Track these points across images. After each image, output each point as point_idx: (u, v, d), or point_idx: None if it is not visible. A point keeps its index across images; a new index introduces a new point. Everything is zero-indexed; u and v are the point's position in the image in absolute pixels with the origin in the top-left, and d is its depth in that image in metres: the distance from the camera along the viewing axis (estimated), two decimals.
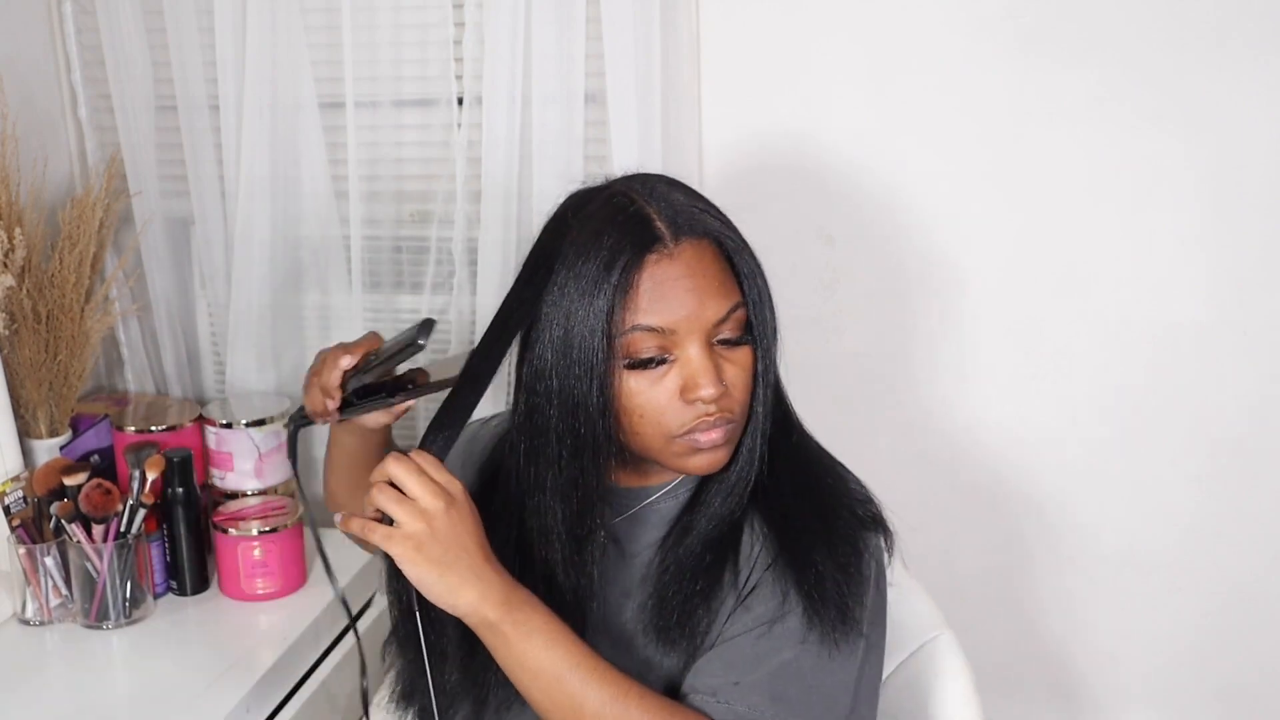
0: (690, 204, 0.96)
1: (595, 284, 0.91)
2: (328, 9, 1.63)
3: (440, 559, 0.89)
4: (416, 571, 0.89)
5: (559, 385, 0.93)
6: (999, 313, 1.60)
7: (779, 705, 0.92)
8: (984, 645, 1.64)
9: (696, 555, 1.00)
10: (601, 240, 0.92)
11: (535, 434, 0.96)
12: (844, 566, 0.97)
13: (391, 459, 0.92)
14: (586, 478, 0.96)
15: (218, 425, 1.58)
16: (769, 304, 0.98)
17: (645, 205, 0.95)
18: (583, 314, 0.92)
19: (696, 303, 0.93)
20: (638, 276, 0.92)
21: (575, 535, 0.97)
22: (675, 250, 0.93)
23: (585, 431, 0.94)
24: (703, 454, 0.96)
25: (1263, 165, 1.48)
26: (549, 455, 0.96)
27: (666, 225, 0.94)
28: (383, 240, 1.71)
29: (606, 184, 1.00)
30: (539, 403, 0.95)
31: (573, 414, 0.94)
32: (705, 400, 0.93)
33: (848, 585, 0.96)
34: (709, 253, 0.95)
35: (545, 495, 0.97)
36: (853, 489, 1.03)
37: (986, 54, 1.51)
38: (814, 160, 1.59)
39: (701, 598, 0.98)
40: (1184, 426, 1.58)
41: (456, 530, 0.90)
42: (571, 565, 0.98)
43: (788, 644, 0.95)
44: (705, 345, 0.94)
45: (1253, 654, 1.64)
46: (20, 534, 1.42)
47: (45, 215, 1.61)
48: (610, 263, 0.91)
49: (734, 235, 0.97)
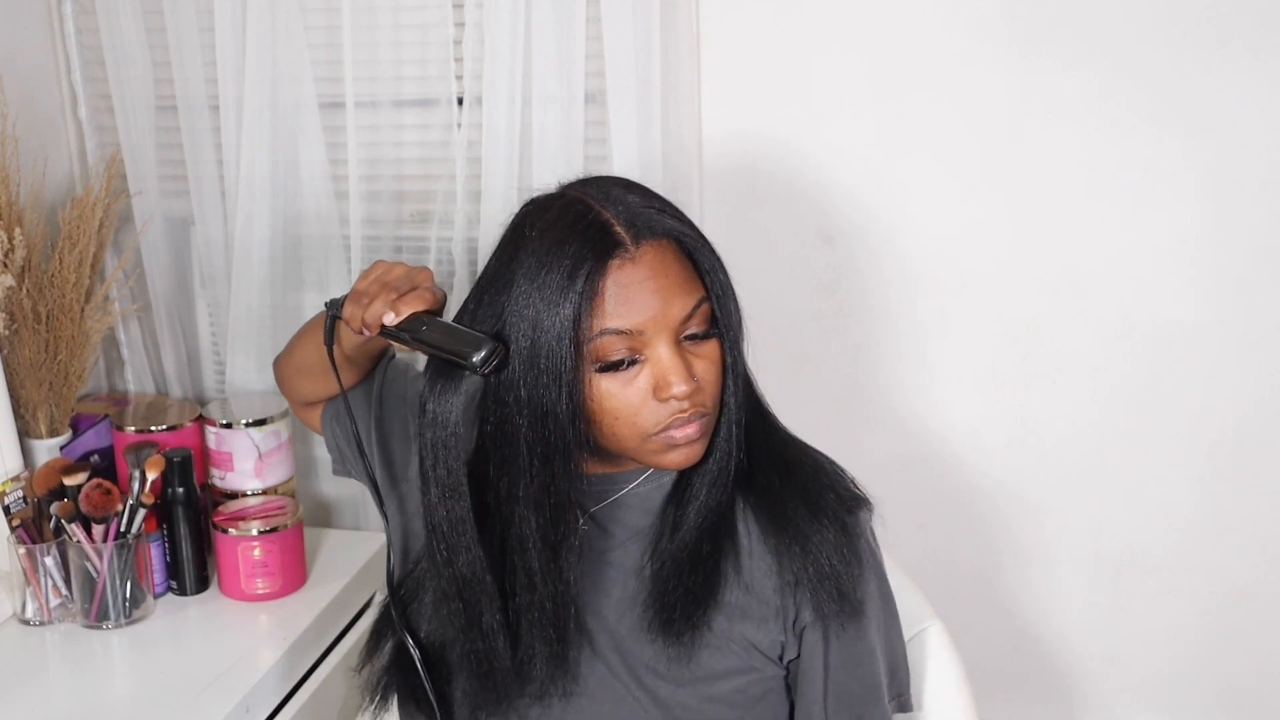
0: (646, 205, 0.97)
1: (560, 292, 0.92)
2: (328, 9, 1.63)
3: None
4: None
5: (528, 395, 0.94)
6: (998, 313, 1.60)
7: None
8: (983, 645, 1.65)
9: (692, 547, 1.01)
10: (564, 249, 0.93)
11: (505, 444, 0.97)
12: (840, 551, 1.00)
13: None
14: (558, 483, 0.97)
15: (218, 425, 1.58)
16: (732, 296, 1.00)
17: (602, 211, 0.95)
18: (549, 323, 0.93)
19: (661, 303, 0.94)
20: (602, 282, 0.93)
21: (550, 542, 0.98)
22: (637, 254, 0.94)
23: (555, 439, 0.95)
24: (679, 449, 0.97)
25: (1262, 165, 1.48)
26: (519, 465, 0.96)
27: (626, 229, 0.95)
28: (383, 240, 1.71)
29: (560, 191, 1.01)
30: (508, 414, 0.96)
31: (542, 422, 0.94)
32: (678, 397, 0.94)
33: (845, 569, 1.00)
34: (670, 252, 0.96)
35: (519, 505, 0.98)
36: (828, 469, 1.06)
37: (985, 54, 1.51)
38: (814, 160, 1.59)
39: (707, 589, 1.00)
40: (1183, 426, 1.58)
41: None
42: (548, 574, 0.99)
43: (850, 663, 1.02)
44: (673, 343, 0.95)
45: (1252, 654, 1.64)
46: (20, 534, 1.42)
47: (45, 215, 1.61)
48: (574, 271, 0.92)
49: (692, 232, 0.99)
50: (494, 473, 0.99)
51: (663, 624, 1.00)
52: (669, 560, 1.01)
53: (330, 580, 1.54)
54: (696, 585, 1.00)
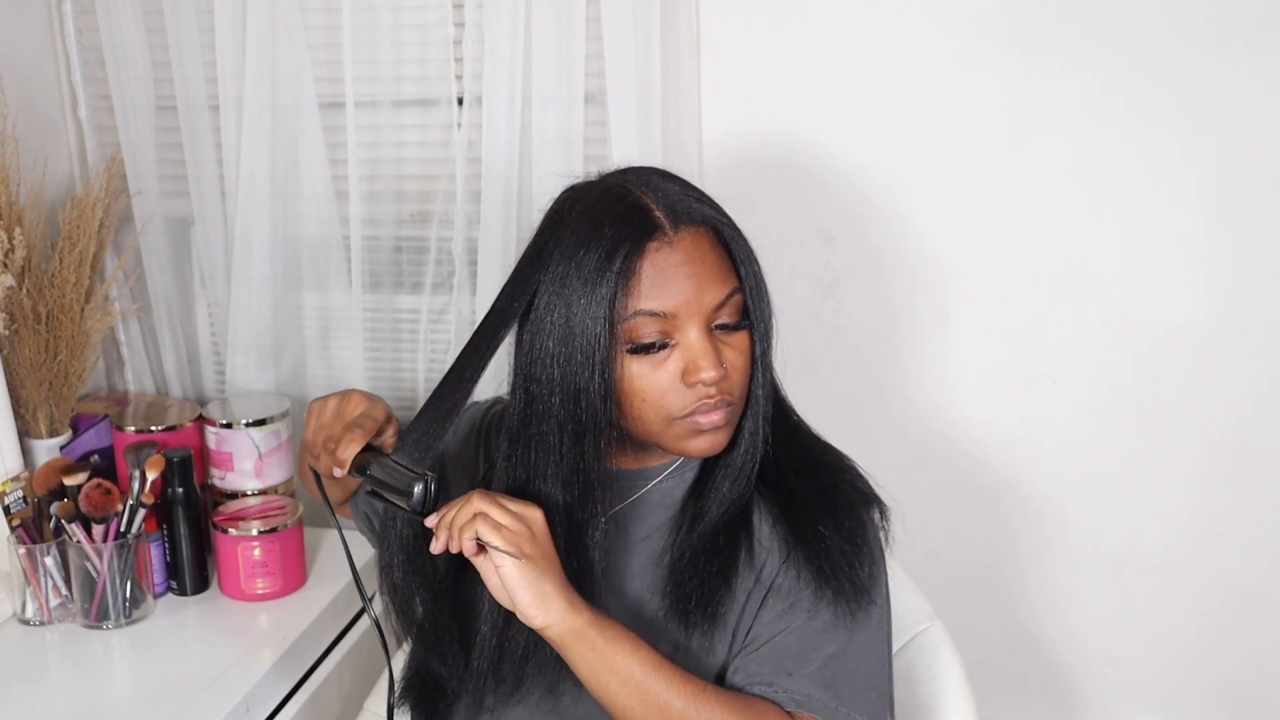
0: (685, 194, 0.99)
1: (598, 272, 0.94)
2: (328, 9, 1.63)
3: (538, 562, 0.94)
4: (517, 586, 0.93)
5: (560, 373, 0.96)
6: (998, 313, 1.60)
7: (829, 692, 0.97)
8: (984, 645, 1.65)
9: (710, 539, 1.02)
10: (602, 230, 0.95)
11: (536, 421, 0.98)
12: (851, 538, 1.00)
13: (477, 495, 0.96)
14: (587, 462, 0.98)
15: (218, 425, 1.58)
16: (765, 291, 1.01)
17: (643, 196, 0.97)
18: (585, 302, 0.94)
19: (696, 288, 0.95)
20: (639, 264, 0.94)
21: (576, 521, 0.99)
22: (675, 238, 0.96)
23: (586, 417, 0.96)
24: (704, 436, 0.98)
25: (1262, 166, 1.48)
26: (550, 443, 0.98)
27: (665, 214, 0.96)
28: (383, 240, 1.71)
29: (600, 178, 1.02)
30: (539, 391, 0.97)
31: (574, 400, 0.96)
32: (706, 383, 0.95)
33: (856, 557, 1.00)
34: (707, 240, 0.97)
35: (546, 483, 0.99)
36: (849, 465, 1.07)
37: (985, 54, 1.51)
38: (814, 161, 1.59)
39: (721, 579, 1.01)
40: (1183, 426, 1.58)
41: (546, 546, 0.95)
42: (574, 551, 0.99)
43: (827, 637, 0.99)
44: (705, 329, 0.96)
45: (1252, 654, 1.64)
46: (20, 534, 1.42)
47: (45, 215, 1.61)
48: (612, 251, 0.94)
49: (729, 223, 1.00)
50: (522, 451, 1.00)
51: (680, 615, 1.01)
52: (688, 552, 1.02)
53: (330, 580, 1.54)
54: (713, 575, 1.01)
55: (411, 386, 1.77)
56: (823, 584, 0.99)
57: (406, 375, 1.78)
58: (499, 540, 0.93)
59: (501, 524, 0.93)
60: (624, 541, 1.06)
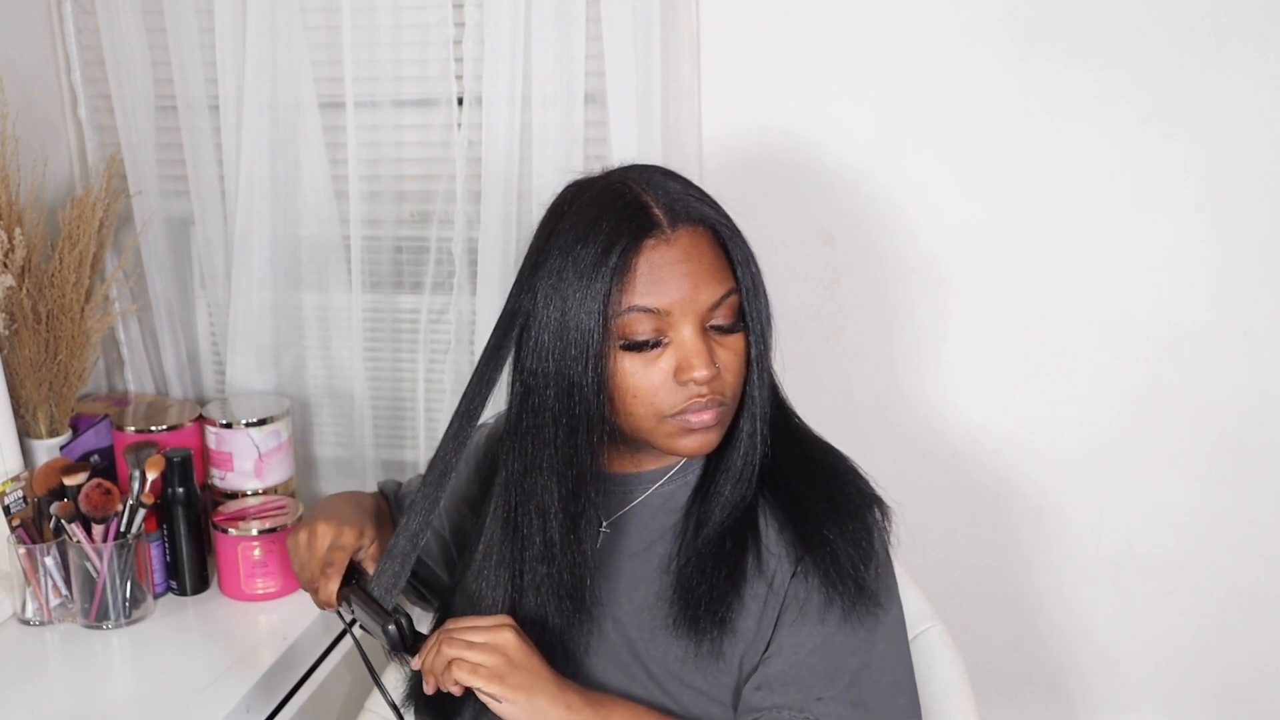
0: (686, 193, 0.99)
1: (594, 267, 0.94)
2: (328, 9, 1.63)
3: (523, 685, 0.95)
4: (505, 702, 0.95)
5: (555, 367, 0.96)
6: (999, 313, 1.60)
7: (860, 710, 0.97)
8: (983, 645, 1.65)
9: (715, 544, 1.01)
10: (599, 226, 0.95)
11: (532, 414, 0.99)
12: (857, 543, 1.00)
13: (444, 640, 0.98)
14: (581, 455, 0.98)
15: (218, 425, 1.58)
16: (762, 292, 1.01)
17: (642, 193, 0.97)
18: (580, 296, 0.94)
19: (691, 287, 0.95)
20: (635, 260, 0.94)
21: (571, 512, 0.99)
22: (672, 236, 0.96)
23: (580, 411, 0.96)
24: (694, 435, 0.98)
25: (1262, 166, 1.48)
26: (545, 435, 0.98)
27: (664, 212, 0.96)
28: (383, 240, 1.71)
29: (603, 174, 1.02)
30: (536, 384, 0.98)
31: (569, 394, 0.96)
32: (697, 381, 0.95)
33: (864, 562, 0.99)
34: (705, 240, 0.98)
35: (542, 474, 0.99)
36: (850, 466, 1.06)
37: (985, 54, 1.51)
38: (814, 161, 1.59)
39: (730, 585, 1.00)
40: (1184, 426, 1.58)
41: (528, 655, 0.97)
42: (567, 544, 1.00)
43: (849, 651, 0.98)
44: (699, 328, 0.96)
45: (1252, 654, 1.64)
46: (20, 534, 1.42)
47: (45, 215, 1.61)
48: (609, 247, 0.94)
49: (729, 224, 1.00)
50: (519, 443, 1.00)
51: (689, 621, 1.00)
52: (694, 557, 1.02)
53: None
54: (721, 580, 1.00)
55: (411, 386, 1.76)
56: (834, 594, 0.98)
57: (406, 375, 1.78)
58: (478, 682, 0.95)
59: (477, 664, 0.95)
60: (629, 548, 1.06)
